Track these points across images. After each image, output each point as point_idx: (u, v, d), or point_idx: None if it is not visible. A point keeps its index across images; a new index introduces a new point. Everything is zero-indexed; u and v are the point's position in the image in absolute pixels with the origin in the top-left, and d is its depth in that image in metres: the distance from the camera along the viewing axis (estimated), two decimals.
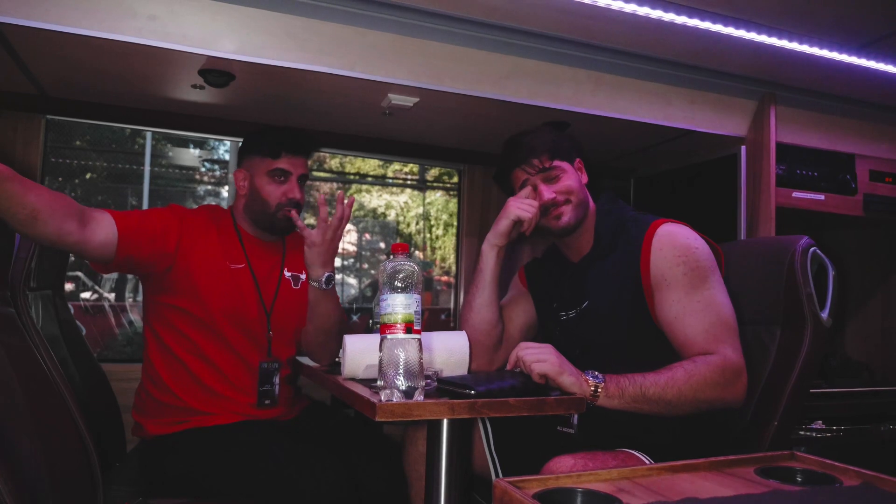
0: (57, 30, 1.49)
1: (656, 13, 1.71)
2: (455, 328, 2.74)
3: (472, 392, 1.13)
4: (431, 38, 1.80)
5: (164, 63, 1.71)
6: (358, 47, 1.74)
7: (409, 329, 1.11)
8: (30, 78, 1.87)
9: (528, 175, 1.56)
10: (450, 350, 1.46)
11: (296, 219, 1.66)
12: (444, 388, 1.21)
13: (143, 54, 1.63)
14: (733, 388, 1.34)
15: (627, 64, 2.02)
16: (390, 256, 1.17)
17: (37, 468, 1.17)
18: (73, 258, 2.28)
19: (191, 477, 1.52)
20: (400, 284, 1.12)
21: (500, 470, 1.45)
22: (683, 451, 1.10)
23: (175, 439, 1.59)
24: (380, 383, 1.11)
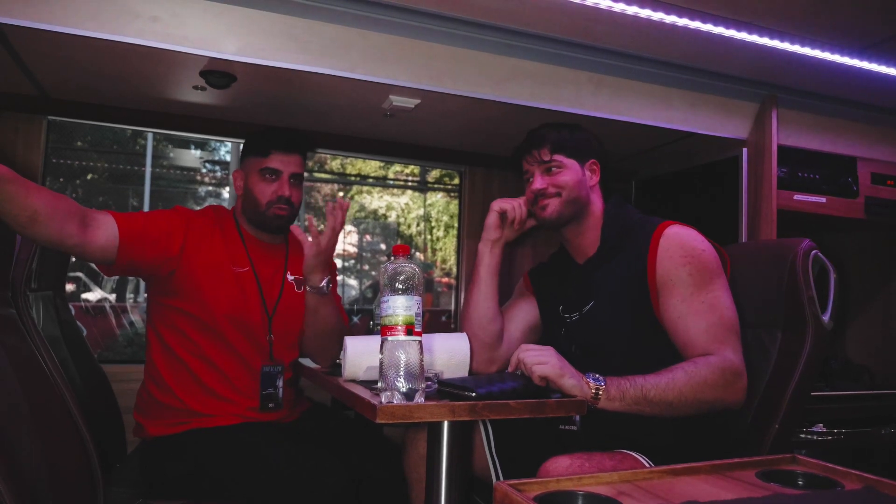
0: (58, 31, 1.49)
1: (657, 15, 1.71)
2: (456, 330, 2.74)
3: (473, 394, 1.13)
4: (433, 39, 1.80)
5: (165, 64, 1.72)
6: (359, 49, 1.74)
7: (409, 331, 1.11)
8: (31, 79, 1.87)
9: (529, 165, 1.61)
10: (450, 352, 1.46)
11: (296, 231, 1.61)
12: (444, 389, 1.21)
13: (145, 55, 1.63)
14: (733, 389, 1.34)
15: (629, 66, 2.02)
16: (391, 258, 1.18)
17: (37, 469, 1.17)
18: (74, 259, 2.28)
19: (191, 478, 1.52)
20: (401, 286, 1.12)
21: (501, 472, 1.45)
22: (682, 453, 1.10)
23: (176, 440, 1.59)
24: (380, 385, 1.11)
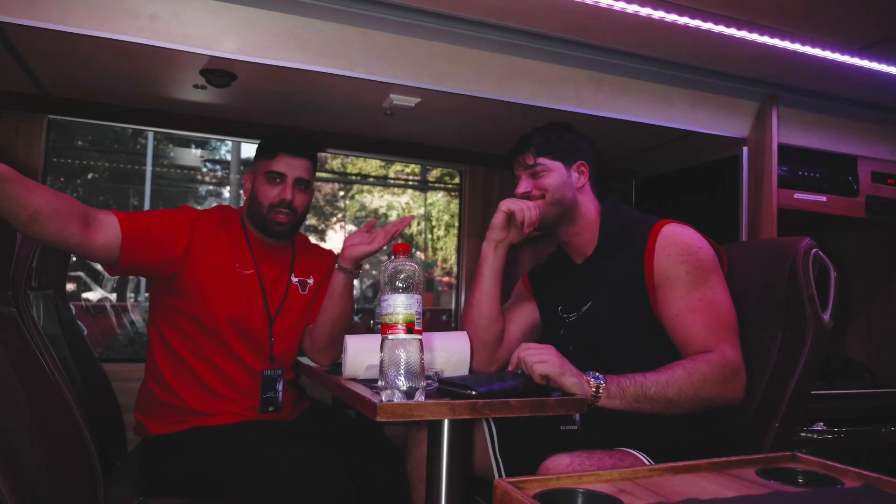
0: (59, 29, 1.49)
1: (658, 14, 1.70)
2: (456, 329, 2.74)
3: (474, 392, 1.13)
4: (433, 38, 1.80)
5: (165, 63, 1.71)
6: (359, 47, 1.74)
7: (410, 329, 1.11)
8: (31, 78, 1.87)
9: (517, 170, 1.64)
10: (451, 350, 1.46)
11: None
12: (445, 388, 1.21)
13: (145, 54, 1.63)
14: (732, 386, 1.35)
15: (629, 65, 2.02)
16: (391, 257, 1.18)
17: (37, 468, 1.17)
18: (74, 258, 2.28)
19: (192, 477, 1.52)
20: (401, 285, 1.12)
21: (504, 471, 1.45)
22: (682, 451, 1.10)
23: (177, 439, 1.59)
24: (381, 384, 1.11)
